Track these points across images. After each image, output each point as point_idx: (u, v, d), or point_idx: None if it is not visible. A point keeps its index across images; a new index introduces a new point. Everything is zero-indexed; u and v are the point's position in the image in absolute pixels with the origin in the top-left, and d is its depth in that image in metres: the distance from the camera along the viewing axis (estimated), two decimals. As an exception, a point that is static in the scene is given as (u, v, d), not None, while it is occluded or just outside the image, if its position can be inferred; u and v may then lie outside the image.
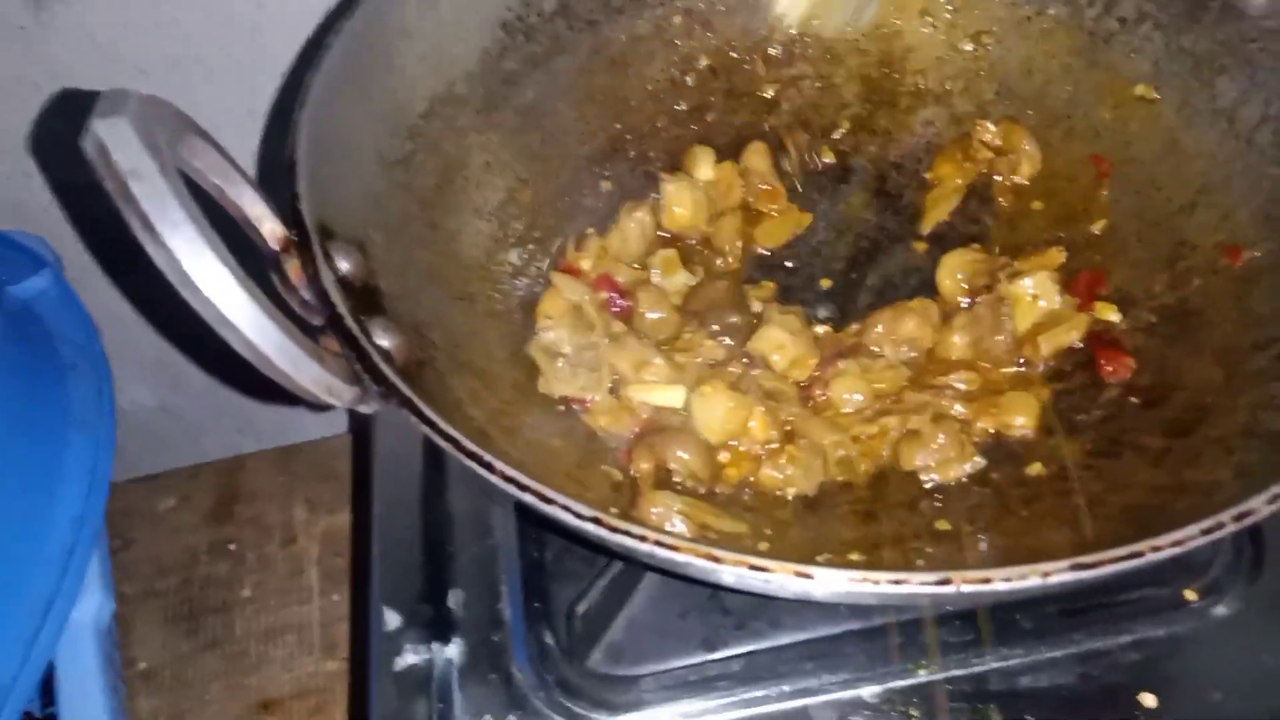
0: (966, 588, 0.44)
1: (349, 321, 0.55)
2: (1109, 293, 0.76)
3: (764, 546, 0.63)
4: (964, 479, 0.68)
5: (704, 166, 0.87)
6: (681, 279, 0.81)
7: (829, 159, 0.90)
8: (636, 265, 0.82)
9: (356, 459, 1.23)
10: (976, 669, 0.69)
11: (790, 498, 0.68)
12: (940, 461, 0.68)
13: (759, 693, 0.69)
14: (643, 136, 0.90)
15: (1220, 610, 0.70)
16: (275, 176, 0.63)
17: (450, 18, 0.78)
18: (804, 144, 0.90)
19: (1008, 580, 0.44)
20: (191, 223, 0.45)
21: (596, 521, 0.47)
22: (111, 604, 0.90)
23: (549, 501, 0.48)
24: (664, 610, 0.72)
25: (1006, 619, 0.70)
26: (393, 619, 0.74)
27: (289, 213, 0.60)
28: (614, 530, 0.47)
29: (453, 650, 0.72)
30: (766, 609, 0.71)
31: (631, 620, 0.72)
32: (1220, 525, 0.45)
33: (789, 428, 0.71)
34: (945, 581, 0.44)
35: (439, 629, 0.73)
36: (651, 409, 0.71)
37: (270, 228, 0.60)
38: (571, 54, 0.86)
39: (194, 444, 1.37)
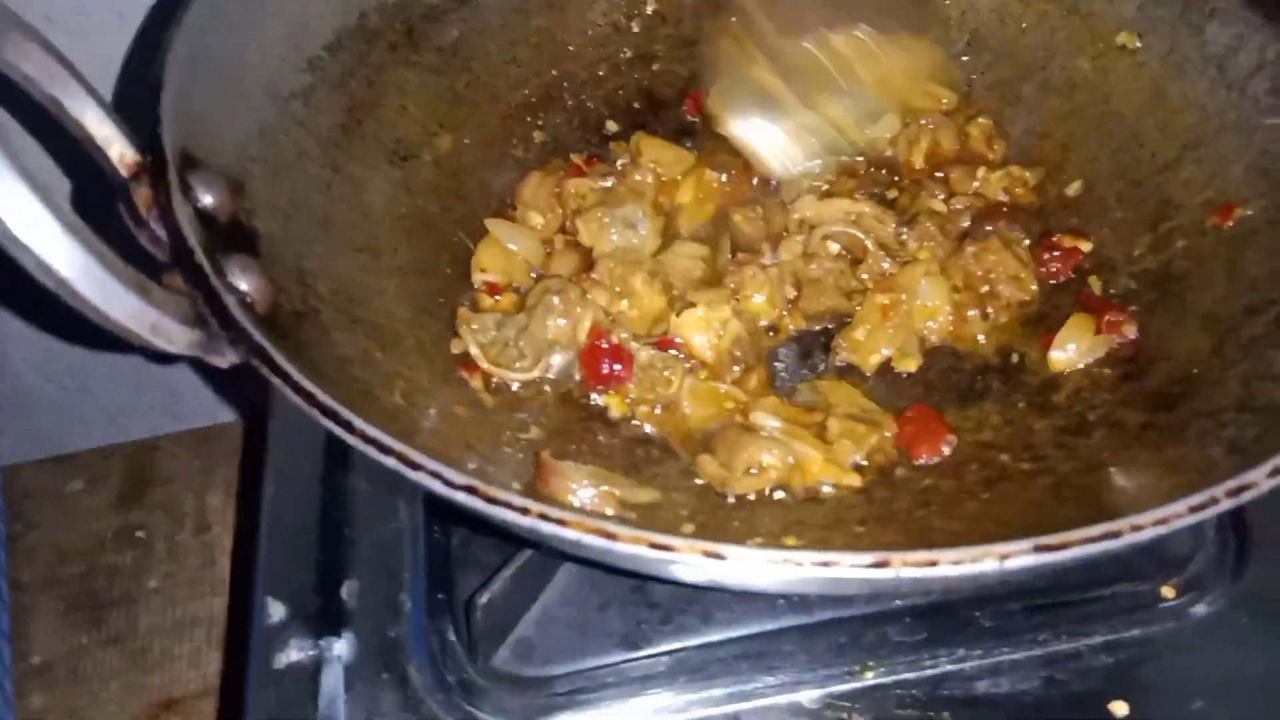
0: (908, 571, 0.36)
1: (197, 255, 0.47)
2: (1084, 260, 0.69)
3: (690, 528, 0.55)
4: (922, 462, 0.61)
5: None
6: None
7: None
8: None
9: (248, 440, 1.14)
10: (929, 671, 0.61)
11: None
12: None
13: (687, 696, 0.61)
14: (581, 85, 0.83)
15: (1200, 609, 0.63)
16: (143, 101, 0.55)
17: (361, -59, 0.70)
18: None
19: (957, 563, 0.36)
20: (-30, 114, 0.36)
21: (471, 490, 0.39)
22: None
23: (416, 467, 0.40)
24: (581, 603, 0.64)
25: (964, 616, 0.63)
26: (277, 610, 0.65)
27: (146, 137, 0.52)
28: (491, 501, 0.39)
29: (342, 646, 0.64)
30: (697, 601, 0.63)
31: (544, 614, 0.64)
32: (1213, 501, 0.38)
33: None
34: (883, 564, 0.36)
35: (329, 622, 0.65)
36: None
37: (120, 150, 0.51)
38: (503, -11, 0.78)
39: (110, 423, 1.27)
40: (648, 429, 0.65)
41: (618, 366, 0.66)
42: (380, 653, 0.63)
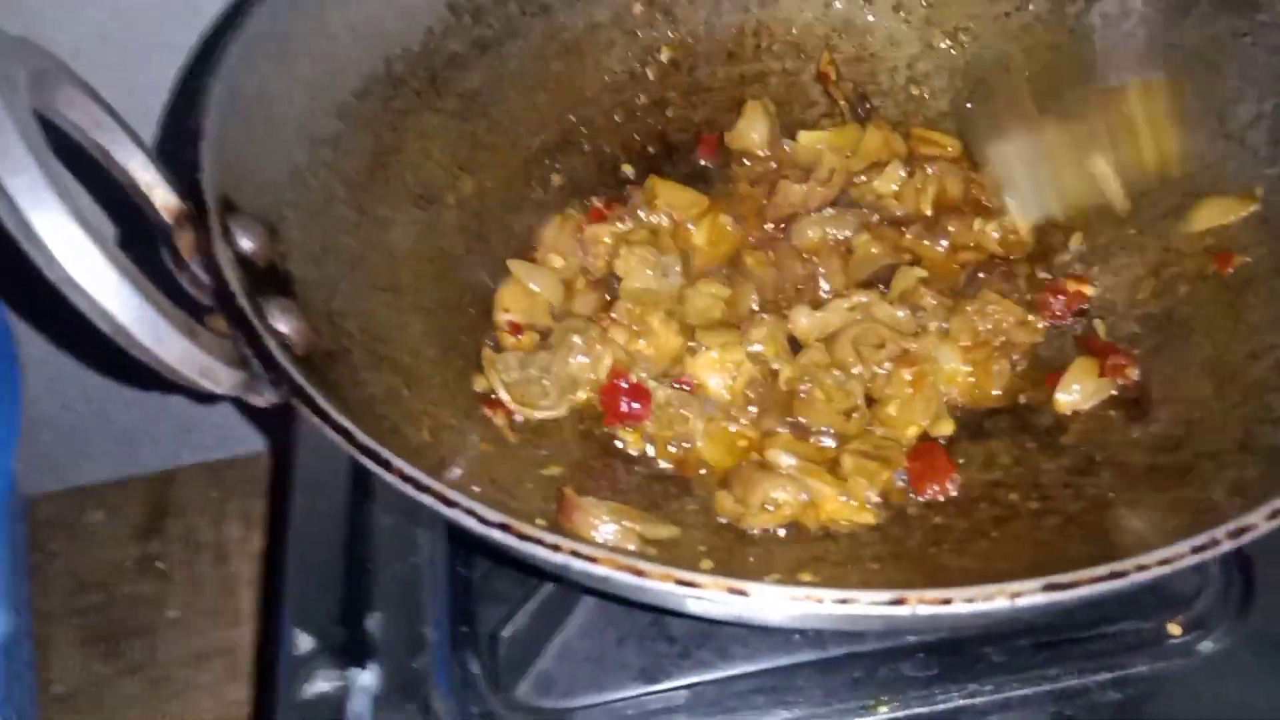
0: (924, 609, 0.38)
1: (240, 299, 0.49)
2: (1089, 303, 0.71)
3: (708, 564, 0.57)
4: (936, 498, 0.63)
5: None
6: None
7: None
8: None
9: (275, 473, 1.16)
10: (941, 706, 0.63)
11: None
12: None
13: (703, 730, 0.62)
14: (598, 130, 0.85)
15: (1206, 646, 0.65)
16: (184, 149, 0.57)
17: (390, -8, 0.73)
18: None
19: (970, 601, 0.38)
20: (38, 167, 0.38)
21: (505, 528, 0.41)
22: (12, 622, 0.82)
23: (451, 504, 0.42)
24: (601, 637, 0.65)
25: (975, 652, 0.64)
26: (305, 642, 0.67)
27: (187, 183, 0.54)
28: (522, 538, 0.41)
29: (368, 677, 0.65)
30: (714, 637, 0.65)
31: (565, 647, 0.65)
32: (1215, 542, 0.40)
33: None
34: (899, 601, 0.38)
35: (355, 654, 0.66)
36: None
37: (163, 197, 0.54)
38: (524, 39, 0.81)
39: (128, 454, 1.29)
40: (665, 466, 0.67)
41: (636, 404, 0.68)
42: (405, 684, 0.65)
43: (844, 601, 0.38)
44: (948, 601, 0.38)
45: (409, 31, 0.74)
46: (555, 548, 0.40)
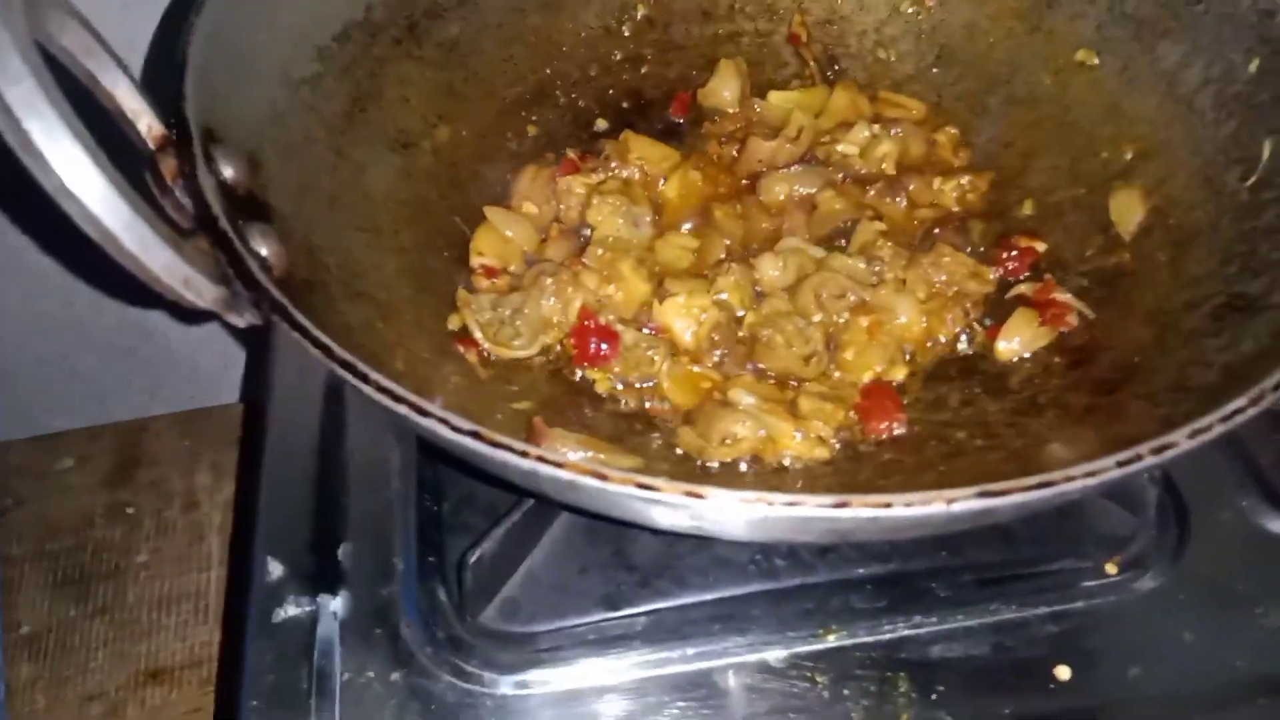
0: (865, 511, 0.41)
1: (222, 221, 0.51)
2: (1040, 259, 0.74)
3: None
4: (884, 435, 0.66)
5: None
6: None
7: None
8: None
9: (248, 414, 1.18)
10: (887, 636, 0.66)
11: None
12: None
13: (662, 654, 0.65)
14: (573, 84, 0.87)
15: (1141, 585, 0.68)
16: (167, 79, 0.59)
17: (370, -61, 0.74)
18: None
19: (909, 505, 0.41)
20: (34, 78, 0.40)
21: (475, 435, 0.43)
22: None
23: (425, 414, 0.44)
24: (564, 566, 0.68)
25: (922, 586, 0.68)
26: (276, 569, 0.69)
27: (172, 112, 0.56)
28: (495, 445, 0.43)
29: (338, 603, 0.67)
30: (672, 567, 0.67)
31: (530, 575, 0.67)
32: (1138, 457, 0.43)
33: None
34: (843, 504, 0.41)
35: (325, 581, 0.68)
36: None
37: (148, 123, 0.55)
38: (501, -9, 0.83)
39: (98, 404, 1.29)
40: (631, 404, 0.69)
41: (604, 346, 0.70)
42: (374, 610, 0.67)
43: (792, 504, 0.41)
44: (888, 505, 0.41)
45: (389, -22, 0.76)
46: (524, 454, 0.43)
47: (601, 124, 0.86)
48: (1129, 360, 0.63)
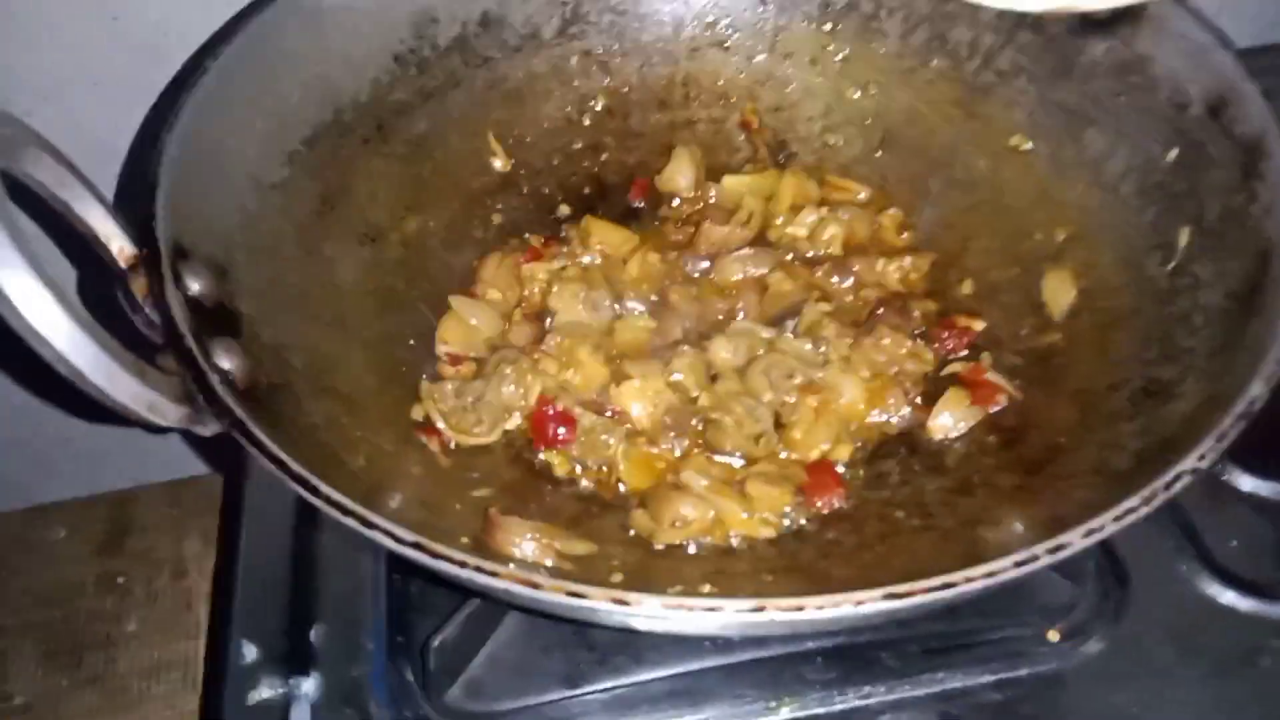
0: (779, 615, 0.44)
1: (187, 339, 0.54)
2: (978, 338, 0.77)
3: (618, 578, 0.62)
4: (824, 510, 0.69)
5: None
6: None
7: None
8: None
9: (226, 494, 1.20)
10: (839, 707, 0.69)
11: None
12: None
13: (619, 731, 0.68)
14: (536, 172, 0.91)
15: (1083, 652, 0.71)
16: (142, 198, 0.63)
17: (338, 48, 0.79)
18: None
19: (820, 609, 0.44)
20: (4, 230, 0.44)
21: (418, 547, 0.47)
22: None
23: (370, 526, 0.48)
24: (526, 646, 0.71)
25: (871, 656, 0.70)
26: (250, 652, 0.72)
27: (143, 232, 0.60)
28: (435, 556, 0.46)
29: (310, 685, 0.70)
30: (630, 645, 0.70)
31: (493, 656, 0.70)
32: (1034, 558, 0.46)
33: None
34: (759, 609, 0.44)
35: (298, 662, 0.71)
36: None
37: (120, 246, 0.59)
38: (466, 88, 0.87)
39: (90, 474, 1.33)
40: (588, 486, 0.72)
41: (562, 430, 0.73)
42: (344, 691, 0.70)
43: (712, 610, 0.44)
44: (800, 609, 0.44)
45: (357, 84, 0.80)
46: (461, 564, 0.46)
47: (564, 210, 0.90)
48: (1055, 440, 0.66)
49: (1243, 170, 0.66)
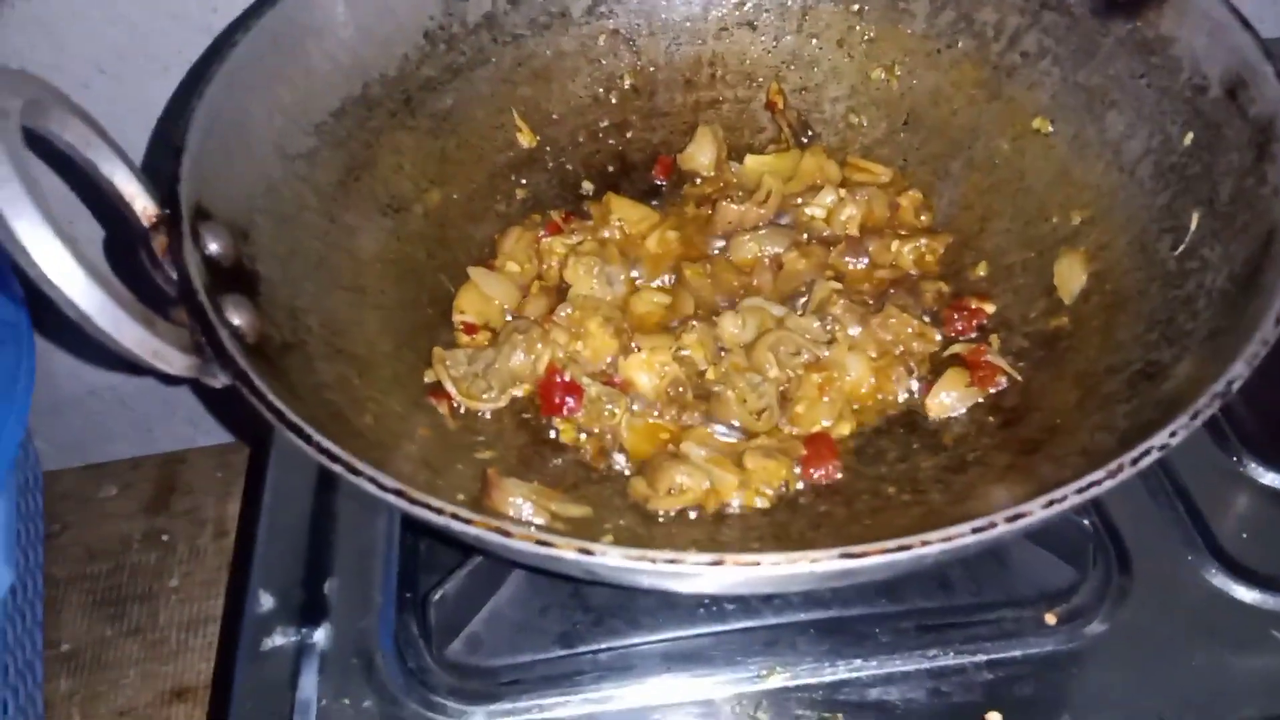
0: (736, 570, 0.45)
1: (200, 294, 0.57)
2: (988, 320, 0.77)
3: (608, 539, 0.64)
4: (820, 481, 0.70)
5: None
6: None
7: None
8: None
9: (254, 454, 1.25)
10: (829, 678, 0.69)
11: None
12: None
13: (612, 690, 0.69)
14: (561, 149, 0.92)
15: (1079, 636, 0.71)
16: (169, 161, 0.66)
17: (368, 24, 0.81)
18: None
19: (775, 564, 0.45)
20: (20, 182, 0.47)
21: (398, 493, 0.49)
22: (10, 577, 0.91)
23: (356, 472, 0.50)
24: (526, 605, 0.73)
25: (863, 630, 0.71)
26: (266, 601, 0.75)
27: (166, 193, 0.63)
28: (413, 502, 0.49)
29: (320, 634, 0.73)
30: (626, 608, 0.72)
31: (494, 613, 0.73)
32: (992, 525, 0.46)
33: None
34: (718, 562, 0.45)
35: (311, 613, 0.74)
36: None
37: (143, 205, 0.62)
38: (494, 65, 0.89)
39: (144, 436, 1.38)
40: (591, 453, 0.74)
41: (570, 399, 0.75)
42: (352, 640, 0.73)
43: (672, 561, 0.46)
44: (757, 564, 0.45)
45: (386, 59, 0.82)
46: (438, 510, 0.48)
47: (588, 186, 0.92)
48: (1052, 422, 0.66)
49: (1256, 152, 0.65)
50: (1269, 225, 0.61)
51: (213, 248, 0.63)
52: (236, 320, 0.59)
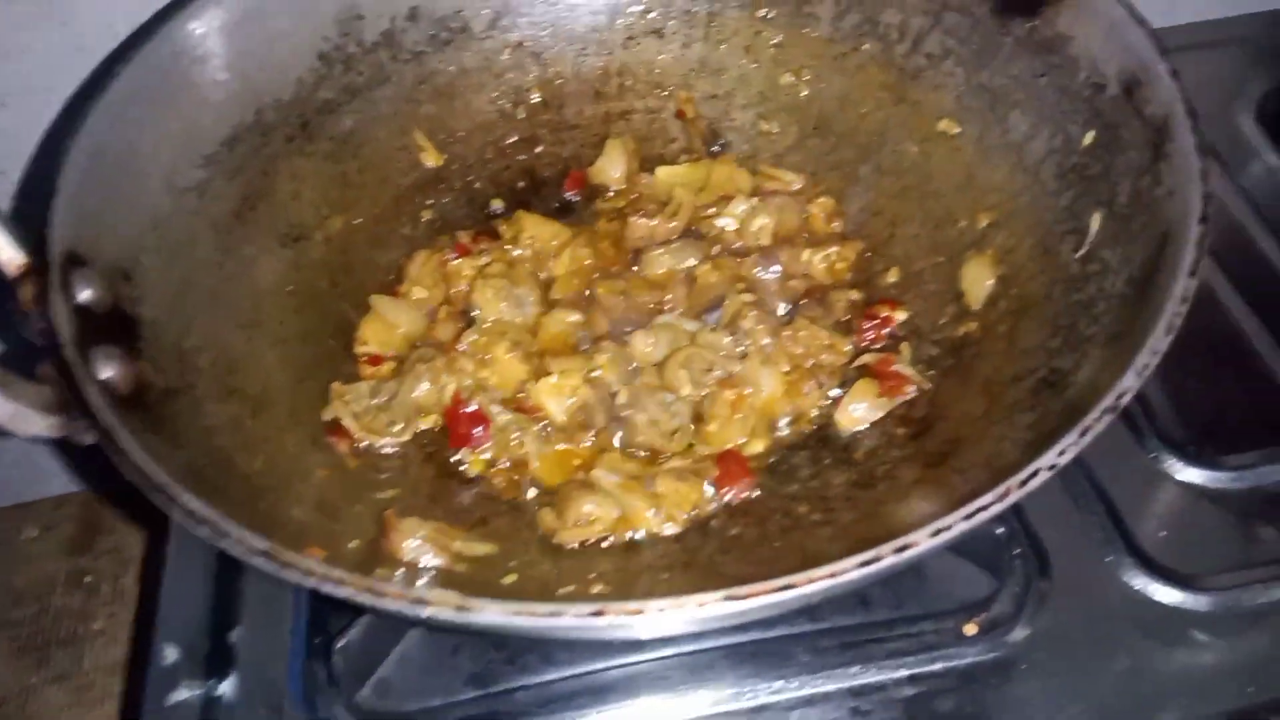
0: (618, 618, 0.43)
1: (65, 348, 0.55)
2: (899, 328, 0.76)
3: (511, 579, 0.62)
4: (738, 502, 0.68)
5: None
6: None
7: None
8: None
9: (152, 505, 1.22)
10: (749, 703, 0.68)
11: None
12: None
13: (529, 728, 0.68)
14: (469, 166, 0.90)
15: (1001, 645, 0.70)
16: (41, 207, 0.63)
17: (259, 48, 0.78)
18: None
19: (661, 611, 0.43)
20: None
21: (266, 555, 0.47)
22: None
23: (223, 535, 0.48)
24: (438, 646, 0.71)
25: (785, 652, 0.70)
26: (171, 653, 0.72)
27: (36, 241, 0.60)
28: (282, 565, 0.47)
29: (227, 685, 0.71)
30: (539, 645, 0.70)
31: (404, 656, 0.71)
32: (879, 558, 0.45)
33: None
34: (599, 614, 0.44)
35: (217, 664, 0.72)
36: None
37: (9, 255, 0.59)
38: (395, 84, 0.87)
39: (63, 475, 1.35)
40: (501, 485, 0.72)
41: (477, 429, 0.73)
42: (261, 691, 0.70)
43: (553, 615, 0.44)
44: (640, 612, 0.43)
45: (280, 83, 0.80)
46: (307, 572, 0.46)
47: (498, 204, 0.90)
48: (958, 432, 0.65)
49: (1152, 152, 0.64)
50: (1163, 227, 0.60)
51: (85, 295, 0.60)
52: (108, 372, 0.57)
